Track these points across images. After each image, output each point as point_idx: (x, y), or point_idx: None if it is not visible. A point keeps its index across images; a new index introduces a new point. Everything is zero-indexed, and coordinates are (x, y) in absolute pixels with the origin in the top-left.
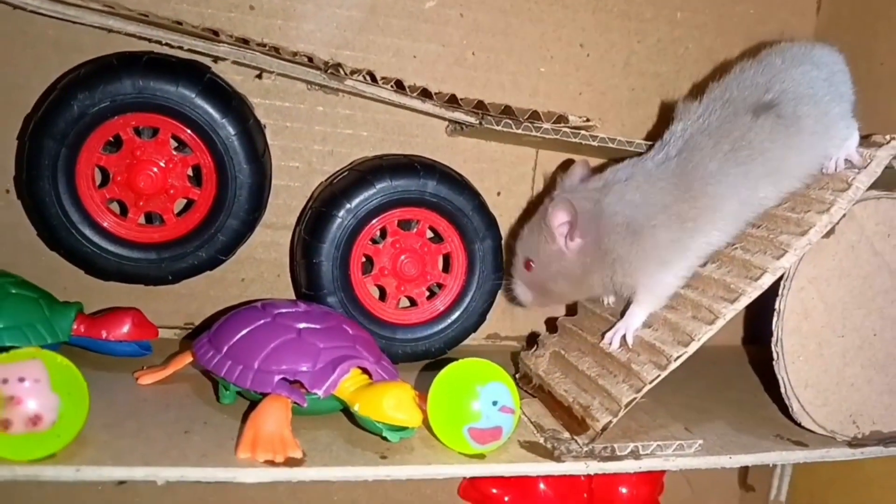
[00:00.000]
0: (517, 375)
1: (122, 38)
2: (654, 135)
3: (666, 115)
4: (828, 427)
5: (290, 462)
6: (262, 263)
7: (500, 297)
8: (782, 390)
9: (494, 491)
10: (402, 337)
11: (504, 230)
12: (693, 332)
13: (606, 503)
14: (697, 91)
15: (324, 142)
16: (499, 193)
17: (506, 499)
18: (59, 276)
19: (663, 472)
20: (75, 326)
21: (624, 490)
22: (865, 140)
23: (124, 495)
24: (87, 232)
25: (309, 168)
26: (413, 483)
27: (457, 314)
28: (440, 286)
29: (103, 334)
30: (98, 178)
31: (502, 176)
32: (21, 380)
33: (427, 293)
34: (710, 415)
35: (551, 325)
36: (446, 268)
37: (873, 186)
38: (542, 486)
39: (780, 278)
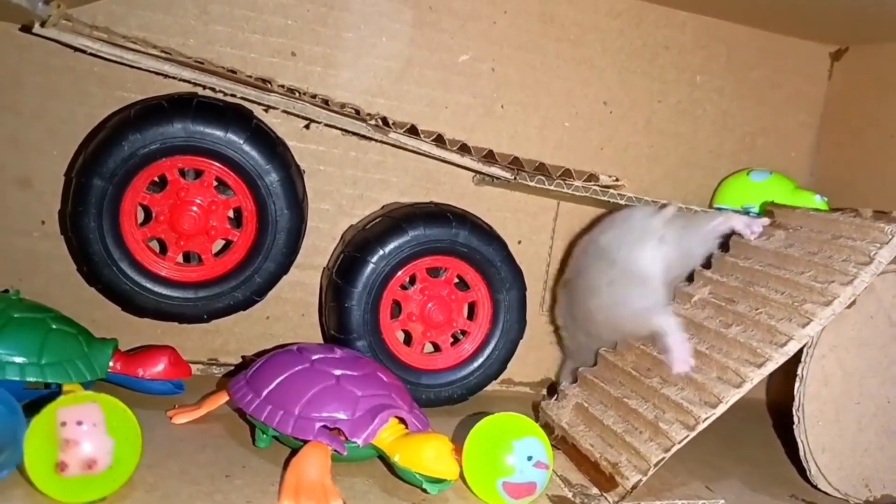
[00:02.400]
0: (539, 425)
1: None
2: (672, 192)
3: (683, 174)
4: (842, 490)
5: None
6: (288, 302)
7: None
8: (801, 454)
9: None
10: (426, 382)
11: (525, 279)
12: (721, 395)
13: None
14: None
15: (354, 185)
16: (520, 242)
17: None
18: (89, 307)
19: None
20: (112, 364)
21: None
22: (886, 216)
23: None
24: (128, 269)
25: (338, 210)
26: None
27: (480, 361)
28: (464, 333)
29: (139, 372)
30: (140, 216)
31: (523, 225)
32: (79, 423)
33: (451, 340)
34: (726, 472)
35: None
36: (471, 315)
37: None
38: None
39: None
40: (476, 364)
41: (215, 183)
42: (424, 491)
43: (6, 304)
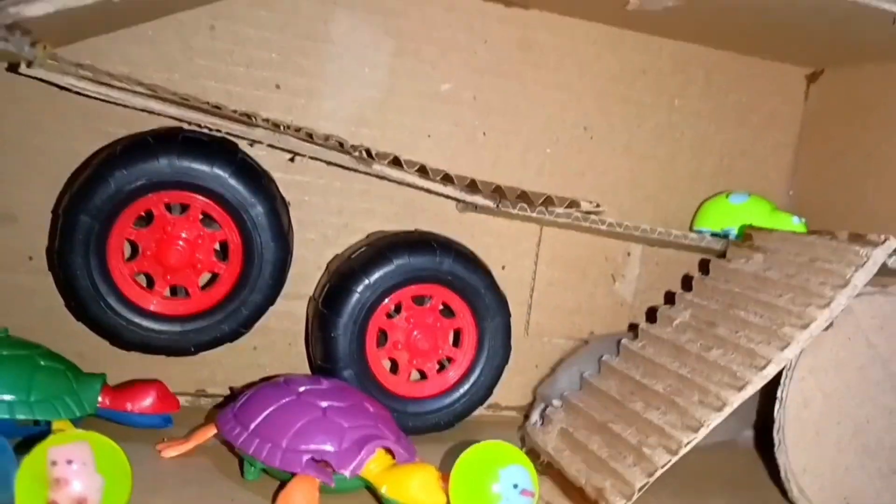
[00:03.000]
0: (524, 450)
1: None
2: (653, 215)
3: (663, 197)
4: None
5: None
6: (275, 332)
7: None
8: (782, 475)
9: None
10: (413, 410)
11: (509, 303)
12: (702, 418)
13: None
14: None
15: (339, 214)
16: (503, 267)
17: None
18: (77, 341)
19: None
20: (101, 399)
21: None
22: (861, 238)
23: None
24: (116, 305)
25: (324, 240)
26: None
27: (465, 388)
28: (450, 360)
29: (128, 406)
30: (127, 251)
31: (507, 251)
32: (69, 462)
33: (437, 367)
34: (710, 495)
35: None
36: (456, 342)
37: None
38: None
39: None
40: (462, 391)
41: (201, 216)
42: None
43: None
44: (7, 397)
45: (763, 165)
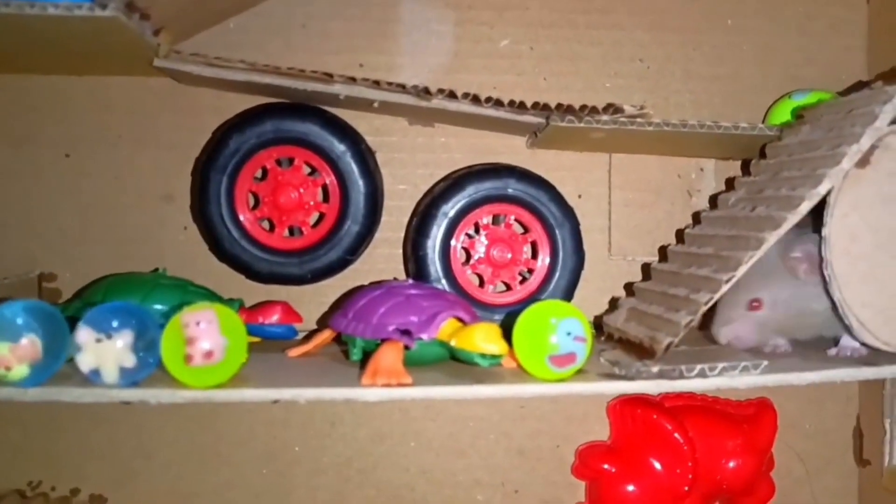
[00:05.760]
0: (602, 338)
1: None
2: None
3: (728, 114)
4: (893, 343)
5: (402, 386)
6: (384, 273)
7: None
8: (840, 311)
9: (606, 466)
10: (499, 318)
11: (585, 228)
12: (741, 258)
13: (713, 475)
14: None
15: (426, 166)
16: (580, 196)
17: (613, 470)
18: (218, 277)
19: (771, 443)
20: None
21: (731, 464)
22: (893, 78)
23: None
24: (246, 245)
25: (415, 190)
26: (529, 462)
27: (546, 294)
28: (530, 271)
29: (259, 319)
30: (251, 202)
31: (581, 181)
32: (198, 323)
33: (520, 278)
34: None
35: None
36: (535, 255)
37: None
38: (650, 460)
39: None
40: (544, 296)
41: (306, 168)
42: (477, 365)
43: (156, 276)
44: (167, 310)
45: (834, 69)
